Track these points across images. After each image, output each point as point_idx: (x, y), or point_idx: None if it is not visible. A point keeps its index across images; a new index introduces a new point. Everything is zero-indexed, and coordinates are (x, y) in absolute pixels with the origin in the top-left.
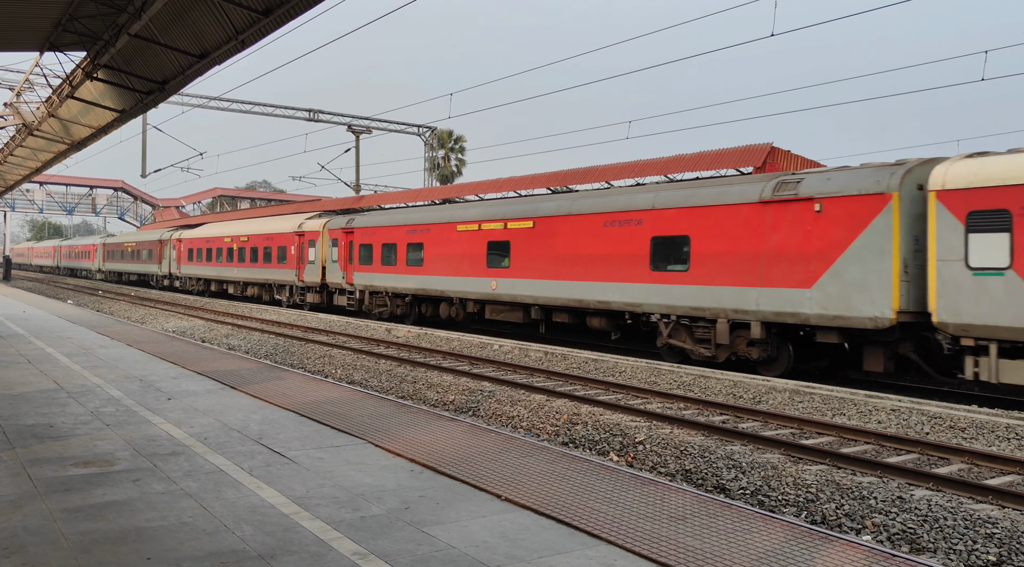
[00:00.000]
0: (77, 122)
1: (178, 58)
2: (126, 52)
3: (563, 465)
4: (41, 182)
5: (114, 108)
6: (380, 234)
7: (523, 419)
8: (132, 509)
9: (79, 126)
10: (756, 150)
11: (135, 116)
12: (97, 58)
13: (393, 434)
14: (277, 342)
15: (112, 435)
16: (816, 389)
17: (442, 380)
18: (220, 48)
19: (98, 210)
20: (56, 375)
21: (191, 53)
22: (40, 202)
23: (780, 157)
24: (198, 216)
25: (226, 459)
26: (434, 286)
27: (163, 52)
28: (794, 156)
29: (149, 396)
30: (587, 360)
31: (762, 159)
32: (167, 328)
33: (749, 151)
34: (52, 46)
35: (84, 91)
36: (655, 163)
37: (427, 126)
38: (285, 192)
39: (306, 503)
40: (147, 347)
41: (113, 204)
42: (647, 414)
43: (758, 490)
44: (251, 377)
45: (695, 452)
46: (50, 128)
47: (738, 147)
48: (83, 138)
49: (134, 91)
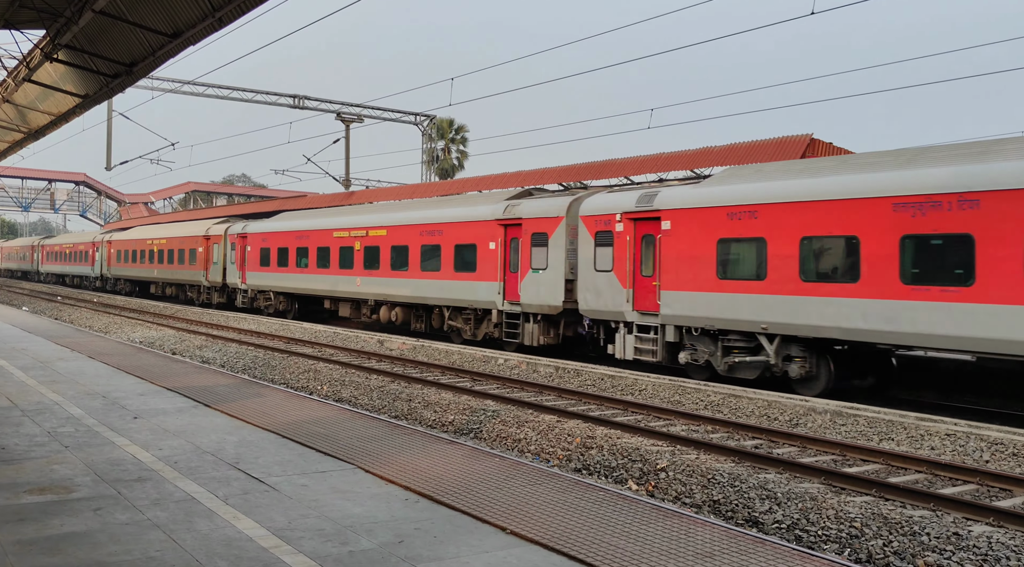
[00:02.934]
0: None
1: (148, 37)
2: (90, 31)
3: (576, 494)
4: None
5: (76, 93)
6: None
7: (531, 442)
8: (93, 542)
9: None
10: (794, 142)
11: (100, 102)
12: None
13: (386, 458)
14: (256, 355)
15: (71, 458)
16: (861, 411)
17: (440, 398)
18: (195, 26)
19: (58, 206)
20: (9, 391)
21: (163, 32)
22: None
23: (821, 149)
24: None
25: (199, 486)
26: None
27: (131, 31)
28: (836, 148)
29: (113, 415)
30: (603, 376)
31: (801, 151)
32: (134, 338)
33: (786, 143)
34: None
35: (43, 74)
36: (680, 156)
37: (425, 114)
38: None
39: (288, 535)
40: (111, 360)
41: (74, 200)
42: (670, 437)
43: (795, 524)
44: (227, 394)
45: (724, 480)
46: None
47: (773, 139)
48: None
49: (98, 74)
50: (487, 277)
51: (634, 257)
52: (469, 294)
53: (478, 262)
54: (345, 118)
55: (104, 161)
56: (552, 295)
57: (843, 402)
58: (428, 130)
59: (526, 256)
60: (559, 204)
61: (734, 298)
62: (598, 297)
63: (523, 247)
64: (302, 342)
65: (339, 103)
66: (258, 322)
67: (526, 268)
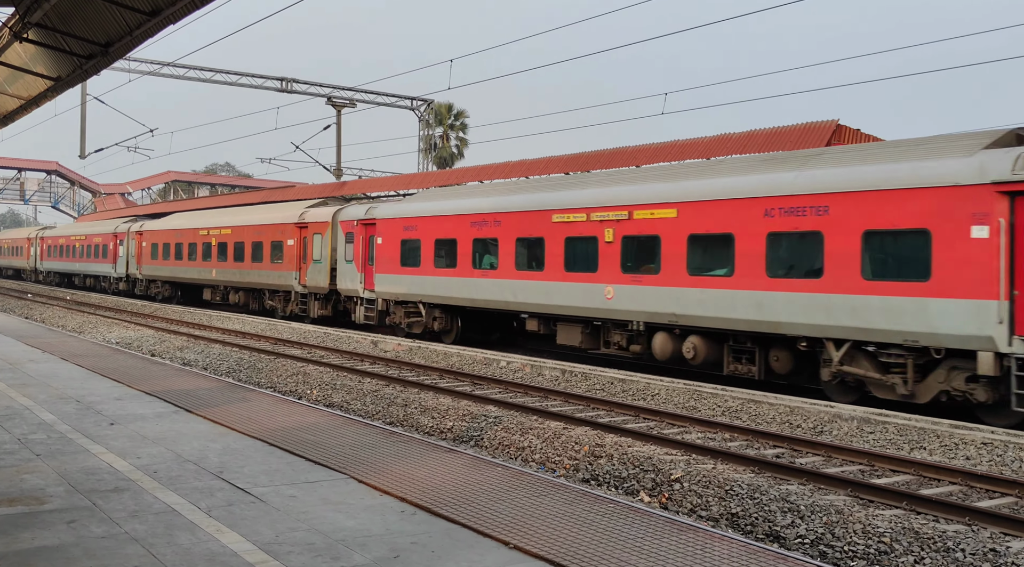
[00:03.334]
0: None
1: (125, 15)
2: (62, 8)
3: (584, 506)
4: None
5: (48, 75)
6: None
7: (536, 450)
8: (66, 557)
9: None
10: (819, 128)
11: (73, 85)
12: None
13: (380, 467)
14: (241, 356)
15: (43, 467)
16: (890, 417)
17: (439, 403)
18: (175, 3)
19: (28, 197)
20: None
21: (141, 9)
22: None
23: (847, 136)
24: (161, 204)
25: (180, 497)
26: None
27: (107, 8)
28: (864, 135)
29: (88, 420)
30: (612, 380)
31: (826, 138)
32: (109, 339)
33: (810, 130)
34: None
35: (12, 55)
36: (696, 144)
37: (422, 99)
38: (252, 176)
39: (275, 550)
40: (86, 362)
41: (46, 190)
42: (685, 446)
43: (819, 539)
44: (210, 398)
45: (743, 492)
46: None
47: (797, 125)
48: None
49: (72, 55)
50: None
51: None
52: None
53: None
54: (336, 103)
55: (78, 149)
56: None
57: (871, 409)
58: (425, 116)
59: (310, 250)
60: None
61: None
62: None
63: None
64: (290, 343)
65: (330, 86)
66: (243, 322)
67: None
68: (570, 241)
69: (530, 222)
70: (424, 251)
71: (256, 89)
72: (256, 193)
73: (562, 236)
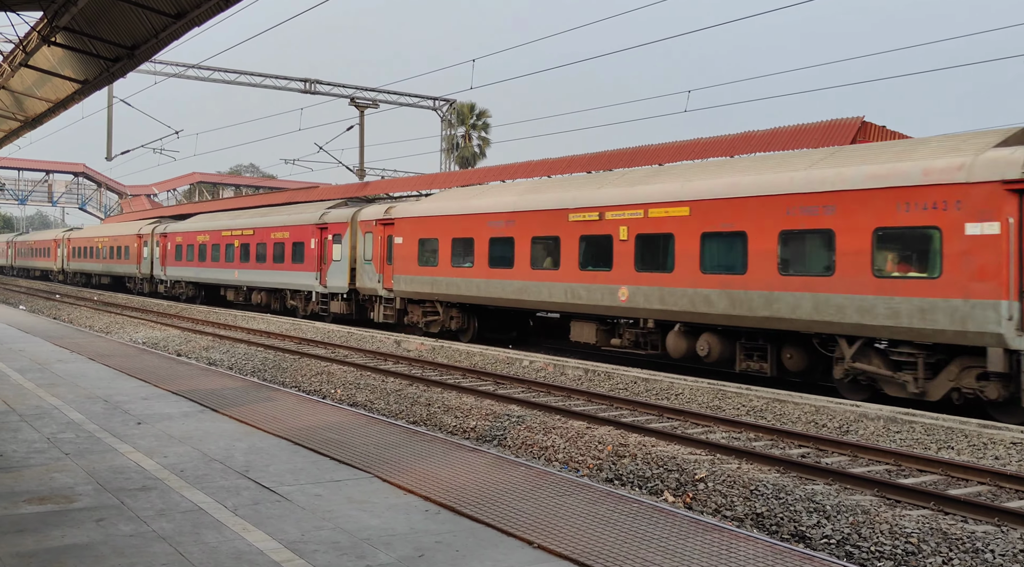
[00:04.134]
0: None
1: (151, 18)
2: (89, 12)
3: (607, 506)
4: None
5: (75, 78)
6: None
7: (559, 450)
8: (95, 555)
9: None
10: (844, 125)
11: (100, 88)
12: (56, 19)
13: (404, 467)
14: (266, 356)
15: (72, 466)
16: (917, 417)
17: (461, 402)
18: (200, 6)
19: (55, 199)
20: (6, 394)
21: (166, 12)
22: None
23: (873, 133)
24: (184, 205)
25: (206, 495)
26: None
27: (133, 11)
28: (889, 132)
29: (115, 420)
30: (635, 380)
31: (851, 136)
32: (136, 339)
33: (835, 126)
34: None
35: (40, 58)
36: (719, 142)
37: (444, 99)
38: (276, 177)
39: (301, 549)
40: (113, 362)
41: (73, 192)
42: (709, 445)
43: (846, 539)
44: (236, 398)
45: (768, 492)
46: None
47: (821, 122)
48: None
49: (99, 58)
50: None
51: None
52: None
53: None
54: (359, 103)
55: (104, 151)
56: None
57: (898, 408)
58: (447, 116)
59: (330, 251)
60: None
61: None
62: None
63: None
64: (314, 342)
65: (353, 87)
66: (267, 322)
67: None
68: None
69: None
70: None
71: (279, 90)
72: (279, 194)
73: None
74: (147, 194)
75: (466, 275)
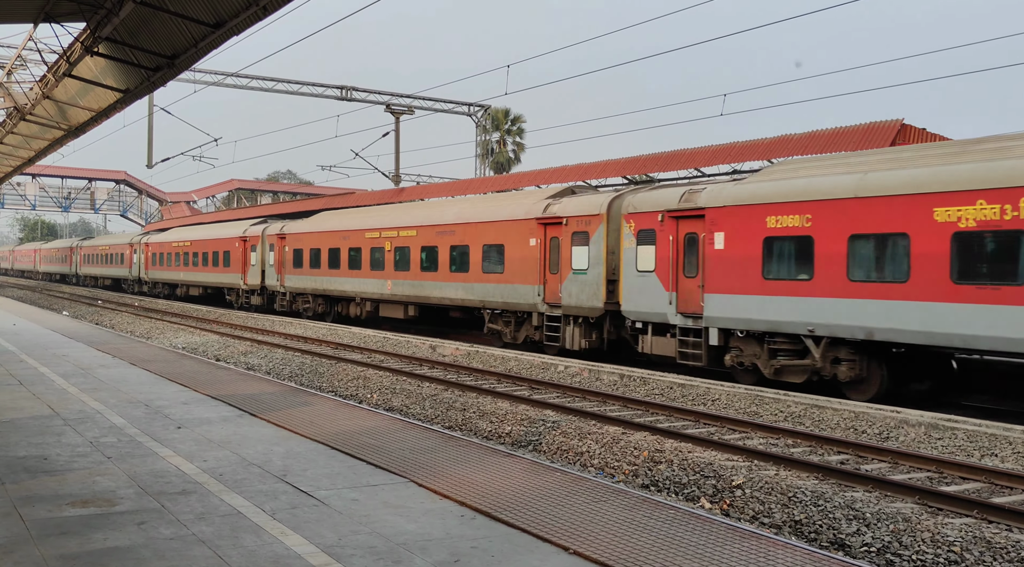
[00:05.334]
0: (75, 104)
1: (190, 28)
2: (131, 22)
3: (643, 512)
4: (34, 174)
5: (117, 87)
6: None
7: (594, 456)
8: (136, 557)
9: (77, 109)
10: (883, 128)
11: (141, 96)
12: (98, 30)
13: (439, 472)
14: (303, 361)
15: (114, 469)
16: (960, 423)
17: (496, 407)
18: (239, 15)
19: (98, 206)
20: (50, 399)
21: (205, 22)
22: (32, 197)
23: (913, 136)
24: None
25: (245, 499)
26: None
27: (173, 21)
28: (929, 134)
29: (156, 424)
30: (671, 385)
31: (891, 138)
32: (176, 344)
33: (874, 129)
34: (48, 16)
35: (83, 68)
36: (756, 145)
37: (479, 105)
38: (313, 184)
39: (338, 553)
40: (153, 367)
41: (115, 199)
42: (746, 452)
43: (886, 547)
44: (273, 402)
45: (806, 499)
46: (44, 111)
47: (859, 125)
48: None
49: (140, 67)
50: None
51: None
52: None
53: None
54: (395, 110)
55: (145, 158)
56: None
57: (939, 414)
58: (482, 121)
59: (249, 258)
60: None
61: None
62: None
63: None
64: (350, 347)
65: (388, 94)
66: (304, 327)
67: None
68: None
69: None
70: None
71: (316, 97)
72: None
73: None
74: (187, 201)
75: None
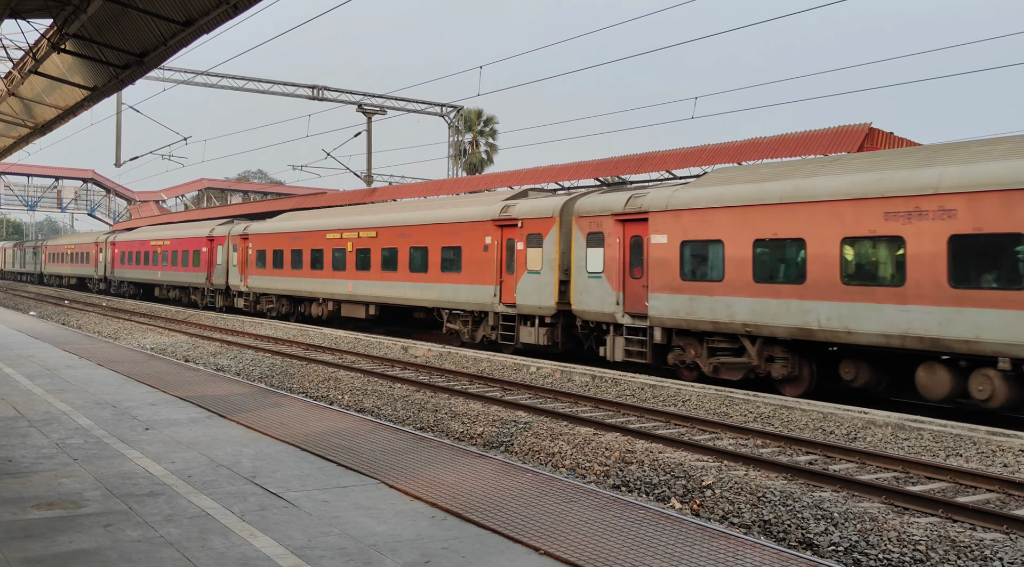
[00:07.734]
0: (41, 102)
1: (159, 26)
2: (99, 19)
3: (614, 513)
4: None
5: (84, 85)
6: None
7: (566, 456)
8: (103, 560)
9: (44, 106)
10: (851, 132)
11: (108, 94)
12: (65, 26)
13: (411, 473)
14: (274, 362)
15: (80, 471)
16: (925, 424)
17: (468, 408)
18: (209, 13)
19: (64, 205)
20: (15, 400)
21: (175, 20)
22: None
23: (880, 140)
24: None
25: (213, 501)
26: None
27: (142, 19)
28: (897, 138)
29: (124, 425)
30: (643, 386)
31: (858, 143)
32: (144, 345)
33: (842, 133)
34: (13, 13)
35: (50, 65)
36: (727, 148)
37: (452, 105)
38: (284, 184)
39: (307, 554)
40: (121, 367)
41: (82, 198)
42: (716, 452)
43: (853, 546)
44: (243, 404)
45: (775, 499)
46: (10, 109)
47: (828, 129)
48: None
49: (108, 65)
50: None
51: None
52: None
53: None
54: (367, 110)
55: (113, 157)
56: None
57: (905, 415)
58: (455, 122)
59: (215, 257)
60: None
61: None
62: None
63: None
64: (321, 349)
65: (360, 94)
66: (275, 327)
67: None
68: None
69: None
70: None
71: (287, 97)
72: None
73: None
74: (156, 200)
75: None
